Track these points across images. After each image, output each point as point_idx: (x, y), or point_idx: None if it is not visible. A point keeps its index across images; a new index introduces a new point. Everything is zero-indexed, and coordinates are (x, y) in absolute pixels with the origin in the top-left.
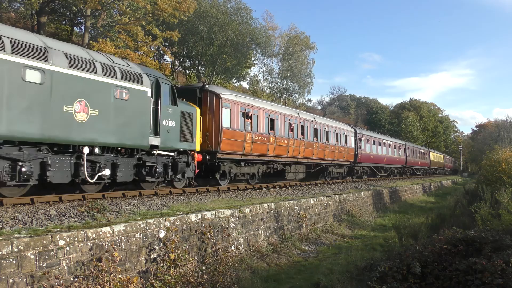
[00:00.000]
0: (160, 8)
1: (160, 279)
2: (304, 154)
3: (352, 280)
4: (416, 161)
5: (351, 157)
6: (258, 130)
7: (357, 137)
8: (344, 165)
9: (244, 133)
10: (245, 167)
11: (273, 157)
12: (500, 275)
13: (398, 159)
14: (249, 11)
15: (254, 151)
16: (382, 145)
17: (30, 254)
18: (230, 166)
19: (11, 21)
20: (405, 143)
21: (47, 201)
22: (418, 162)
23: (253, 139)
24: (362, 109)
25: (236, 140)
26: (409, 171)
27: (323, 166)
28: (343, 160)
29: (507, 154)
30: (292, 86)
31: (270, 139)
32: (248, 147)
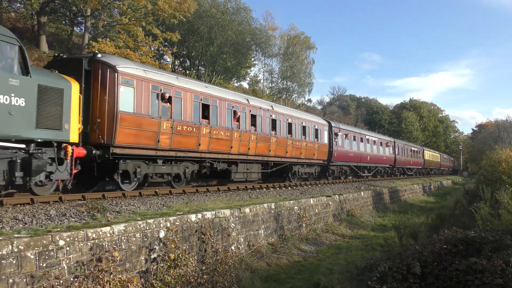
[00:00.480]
0: (160, 8)
1: (160, 279)
2: (257, 151)
3: (352, 280)
4: (407, 160)
5: (324, 155)
6: (183, 117)
7: (332, 132)
8: (314, 164)
9: (159, 121)
10: (163, 167)
11: (208, 154)
12: (500, 275)
13: (385, 157)
14: (249, 11)
15: (176, 145)
16: (365, 142)
17: (30, 254)
18: (137, 165)
19: (11, 21)
20: (394, 140)
21: (47, 201)
22: (410, 161)
23: (173, 129)
24: (362, 109)
25: (145, 130)
26: (399, 171)
27: (286, 165)
28: (313, 159)
29: (507, 154)
30: (292, 86)
31: (203, 130)
32: (166, 140)
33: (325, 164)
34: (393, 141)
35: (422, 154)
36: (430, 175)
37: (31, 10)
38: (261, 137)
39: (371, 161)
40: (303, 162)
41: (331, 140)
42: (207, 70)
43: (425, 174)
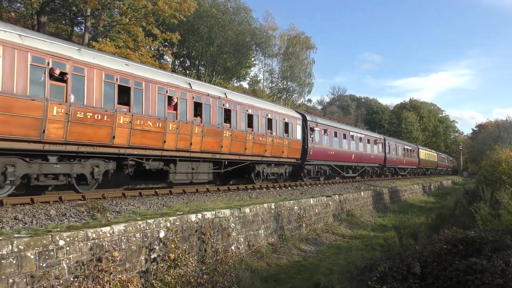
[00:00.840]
0: (160, 8)
1: (160, 279)
2: (204, 146)
3: (352, 280)
4: (400, 159)
5: (296, 153)
6: (87, 102)
7: (308, 126)
8: (284, 164)
9: (45, 105)
10: (56, 165)
11: (130, 149)
12: (500, 275)
13: (373, 156)
14: (249, 11)
15: (76, 137)
16: (349, 139)
17: (30, 254)
18: (9, 163)
19: (11, 21)
20: (384, 137)
21: (47, 201)
22: (403, 160)
23: (70, 116)
24: (362, 109)
25: (20, 115)
26: (390, 171)
27: (246, 164)
28: (282, 157)
29: (507, 154)
30: (292, 86)
31: (119, 120)
32: (58, 130)
33: (298, 163)
34: (383, 139)
35: (416, 153)
36: (426, 176)
37: (31, 10)
38: (209, 130)
39: (357, 160)
40: (269, 161)
41: (306, 136)
42: (207, 70)
43: (420, 174)
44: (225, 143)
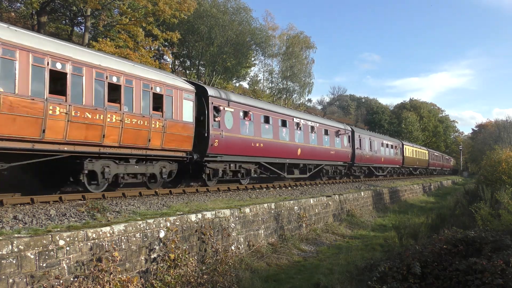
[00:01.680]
0: (160, 9)
1: (160, 279)
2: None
3: (352, 280)
4: (376, 156)
5: (187, 143)
6: None
7: (210, 104)
8: (159, 159)
9: None
10: None
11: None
12: (500, 275)
13: (334, 152)
14: (249, 10)
15: None
16: (294, 128)
17: (30, 254)
18: None
19: (11, 21)
20: (353, 128)
21: (47, 201)
22: (380, 158)
23: None
24: (362, 109)
25: None
26: (361, 170)
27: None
28: (148, 148)
29: (507, 154)
30: (292, 86)
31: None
32: None
33: (191, 158)
34: (350, 130)
35: (400, 149)
36: (414, 176)
37: (31, 9)
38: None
39: (305, 156)
40: (116, 155)
41: (207, 120)
42: (207, 70)
43: (405, 175)
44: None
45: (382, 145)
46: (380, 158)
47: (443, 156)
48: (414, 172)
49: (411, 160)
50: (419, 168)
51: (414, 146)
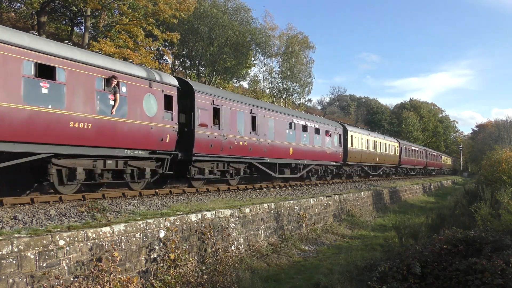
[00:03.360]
0: (160, 9)
1: (160, 279)
2: None
3: (352, 280)
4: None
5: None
6: None
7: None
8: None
9: None
10: None
11: None
12: (500, 275)
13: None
14: (248, 10)
15: None
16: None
17: (30, 254)
18: None
19: (11, 21)
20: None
21: (47, 201)
22: (309, 152)
23: None
24: (362, 109)
25: None
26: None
27: None
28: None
29: (507, 154)
30: (292, 86)
31: None
32: None
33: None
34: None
35: (339, 139)
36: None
37: (31, 9)
38: None
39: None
40: None
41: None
42: (207, 70)
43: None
44: None
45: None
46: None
47: (428, 152)
48: (375, 172)
49: (388, 157)
50: (384, 167)
51: (388, 139)
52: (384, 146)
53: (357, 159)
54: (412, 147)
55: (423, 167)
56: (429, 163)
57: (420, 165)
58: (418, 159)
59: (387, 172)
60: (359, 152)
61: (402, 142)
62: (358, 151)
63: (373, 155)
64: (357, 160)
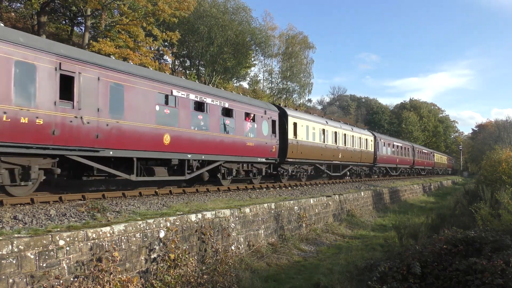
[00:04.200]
0: (160, 8)
1: (160, 279)
2: None
3: (352, 280)
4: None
5: None
6: None
7: None
8: None
9: None
10: None
11: None
12: (500, 275)
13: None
14: (248, 10)
15: None
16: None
17: (30, 254)
18: None
19: (11, 21)
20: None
21: (47, 201)
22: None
23: None
24: (362, 109)
25: None
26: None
27: None
28: None
29: (507, 154)
30: (292, 86)
31: None
32: None
33: None
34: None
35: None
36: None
37: (31, 10)
38: None
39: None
40: None
41: None
42: (207, 70)
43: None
44: None
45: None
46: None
47: (416, 148)
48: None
49: (352, 154)
50: (346, 165)
51: (355, 130)
52: (351, 139)
53: (305, 154)
54: (393, 143)
55: (409, 166)
56: (418, 161)
57: (405, 164)
58: (402, 156)
59: (357, 172)
60: (307, 145)
61: (379, 136)
62: (306, 144)
63: (332, 151)
64: (304, 156)
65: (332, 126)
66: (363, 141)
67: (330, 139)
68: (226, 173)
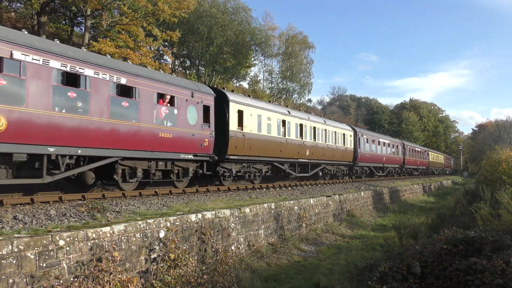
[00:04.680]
0: (160, 8)
1: (160, 279)
2: None
3: (352, 280)
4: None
5: None
6: None
7: None
8: None
9: None
10: None
11: None
12: (500, 275)
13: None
14: (248, 10)
15: None
16: None
17: (30, 254)
18: None
19: (11, 21)
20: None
21: (47, 201)
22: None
23: None
24: (362, 109)
25: None
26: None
27: None
28: None
29: (507, 154)
30: (292, 87)
31: None
32: None
33: None
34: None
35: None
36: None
37: (31, 10)
38: None
39: None
40: None
41: None
42: (207, 70)
43: None
44: None
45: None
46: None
47: (406, 146)
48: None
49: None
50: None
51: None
52: (323, 134)
53: (255, 150)
54: (379, 139)
55: (398, 165)
56: (409, 161)
57: (393, 163)
58: (389, 155)
59: (332, 172)
60: (259, 139)
61: (361, 131)
62: (257, 137)
63: (296, 147)
64: (255, 153)
65: (296, 117)
66: (339, 136)
67: (294, 133)
68: (128, 174)
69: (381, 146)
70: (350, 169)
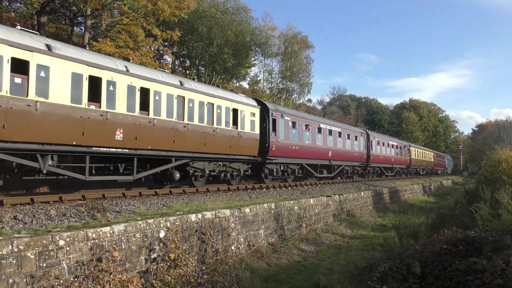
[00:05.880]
0: (160, 8)
1: (160, 279)
2: None
3: (352, 280)
4: None
5: None
6: None
7: None
8: None
9: None
10: None
11: None
12: (500, 275)
13: None
14: (248, 10)
15: None
16: None
17: (30, 254)
18: None
19: (11, 21)
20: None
21: (47, 201)
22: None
23: None
24: (362, 109)
25: None
26: None
27: None
28: None
29: (507, 154)
30: (291, 86)
31: None
32: None
33: None
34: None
35: None
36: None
37: (31, 10)
38: None
39: None
40: None
41: None
42: (207, 70)
43: None
44: None
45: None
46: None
47: (370, 138)
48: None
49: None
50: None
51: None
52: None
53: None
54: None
55: (358, 163)
56: (376, 158)
57: (350, 160)
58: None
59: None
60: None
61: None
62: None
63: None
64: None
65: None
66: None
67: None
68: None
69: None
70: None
